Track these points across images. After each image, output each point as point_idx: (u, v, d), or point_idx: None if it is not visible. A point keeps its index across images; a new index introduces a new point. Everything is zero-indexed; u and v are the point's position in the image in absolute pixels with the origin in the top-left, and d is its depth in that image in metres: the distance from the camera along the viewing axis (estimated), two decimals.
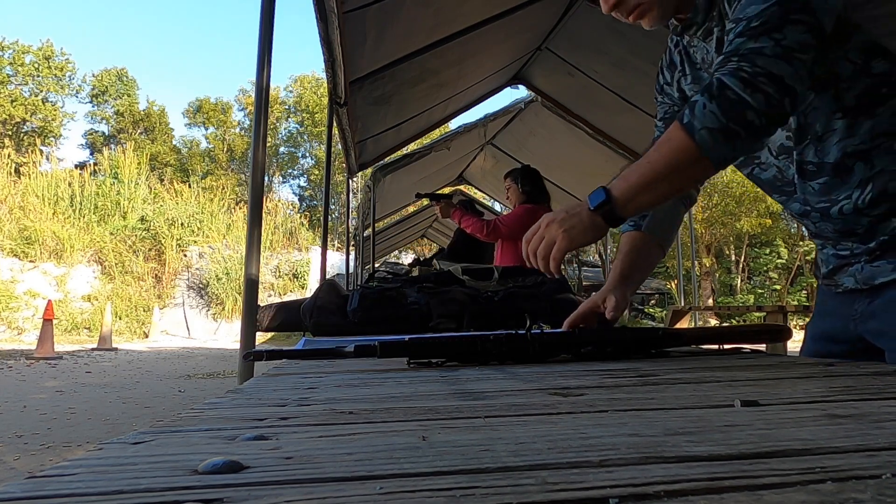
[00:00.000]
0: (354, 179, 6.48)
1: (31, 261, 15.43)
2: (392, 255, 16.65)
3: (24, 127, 27.78)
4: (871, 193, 0.84)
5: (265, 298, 13.32)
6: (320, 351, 0.84)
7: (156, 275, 16.79)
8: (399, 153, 5.80)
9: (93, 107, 32.63)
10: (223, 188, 21.65)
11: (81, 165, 25.15)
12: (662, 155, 0.80)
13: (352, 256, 8.14)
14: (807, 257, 16.59)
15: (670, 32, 1.02)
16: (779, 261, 16.52)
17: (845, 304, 0.94)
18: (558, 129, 5.44)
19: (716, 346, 0.95)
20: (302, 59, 68.03)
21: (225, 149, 32.95)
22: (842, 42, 0.82)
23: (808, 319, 1.13)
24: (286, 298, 12.94)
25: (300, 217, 22.63)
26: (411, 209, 11.24)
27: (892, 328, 0.86)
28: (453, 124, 6.76)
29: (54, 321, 9.34)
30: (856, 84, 0.83)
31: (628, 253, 1.12)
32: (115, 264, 16.28)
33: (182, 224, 17.72)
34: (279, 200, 25.15)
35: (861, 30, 0.82)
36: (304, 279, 17.38)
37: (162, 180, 22.43)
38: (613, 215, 0.83)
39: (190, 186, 20.69)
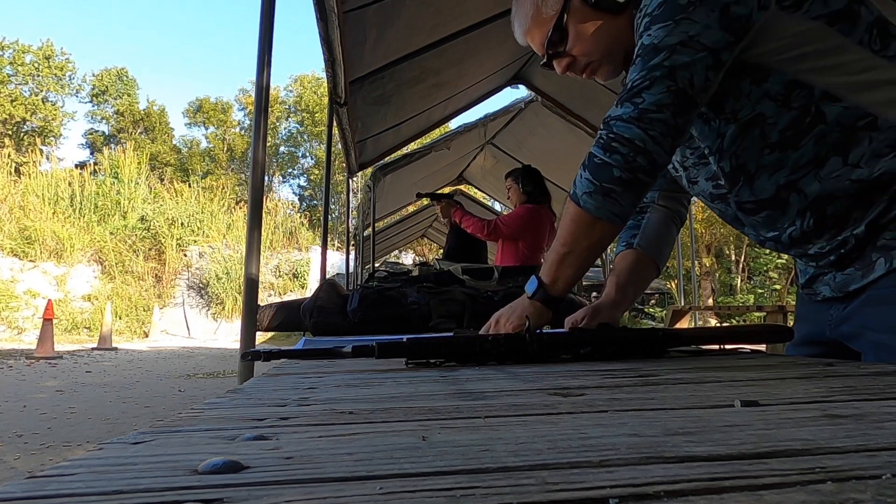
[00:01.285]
0: (354, 179, 6.48)
1: (31, 260, 15.43)
2: (392, 255, 16.64)
3: (24, 127, 27.79)
4: (812, 219, 0.87)
5: (265, 298, 13.32)
6: (320, 351, 0.84)
7: (156, 274, 16.79)
8: (399, 153, 5.80)
9: (93, 106, 32.67)
10: (223, 188, 21.65)
11: (81, 165, 25.15)
12: (565, 230, 0.88)
13: (352, 256, 8.14)
14: None
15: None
16: (779, 261, 16.49)
17: (821, 311, 0.97)
18: (558, 129, 5.44)
19: (716, 347, 0.95)
20: (302, 59, 68.12)
21: (225, 149, 32.95)
22: (760, 84, 0.85)
23: None
24: (286, 298, 12.93)
25: (300, 217, 22.63)
26: (411, 209, 11.24)
27: (864, 330, 0.88)
28: (453, 124, 6.77)
29: (54, 321, 9.34)
30: (780, 120, 0.85)
31: (623, 269, 1.14)
32: (115, 264, 16.28)
33: (182, 224, 17.72)
34: (279, 200, 25.17)
35: (775, 72, 0.85)
36: (304, 279, 17.38)
37: (162, 180, 22.43)
38: (548, 297, 0.92)
39: (190, 186, 20.67)
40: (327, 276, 3.51)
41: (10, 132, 26.52)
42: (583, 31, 0.98)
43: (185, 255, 17.44)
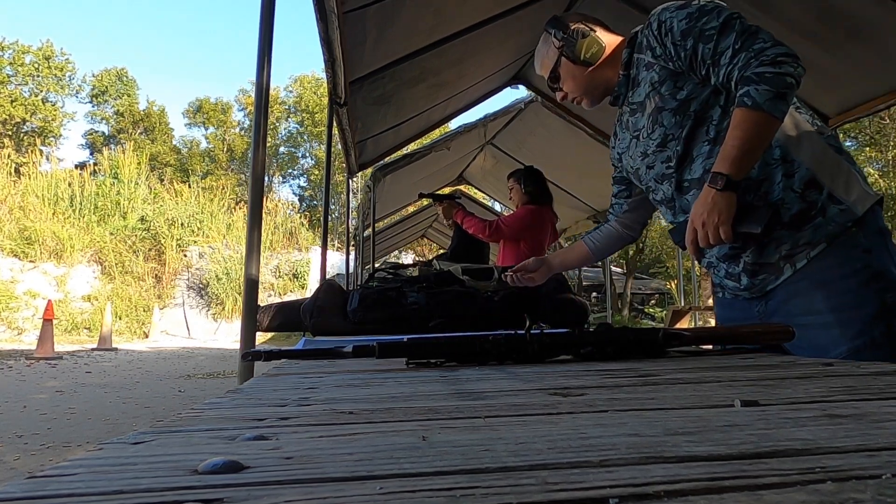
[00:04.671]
0: (354, 179, 6.47)
1: (31, 261, 15.43)
2: (392, 255, 16.64)
3: (24, 127, 27.78)
4: None
5: (265, 298, 13.32)
6: (320, 351, 0.84)
7: (156, 275, 16.78)
8: (399, 153, 5.79)
9: (93, 107, 32.67)
10: (223, 188, 21.63)
11: (81, 165, 25.16)
12: (745, 131, 1.08)
13: (352, 256, 8.14)
14: None
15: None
16: None
17: (746, 308, 1.27)
18: (558, 129, 5.44)
19: (716, 347, 0.95)
20: (302, 59, 68.11)
21: (225, 149, 32.95)
22: (718, 95, 1.19)
23: None
24: (286, 298, 12.93)
25: (300, 217, 22.62)
26: (411, 209, 11.24)
27: (790, 317, 1.14)
28: (453, 124, 6.76)
29: (54, 321, 9.34)
30: (721, 122, 1.18)
31: (571, 250, 1.68)
32: (115, 264, 16.28)
33: (182, 224, 17.71)
34: (279, 200, 25.15)
35: (726, 91, 1.18)
36: (304, 279, 17.38)
37: (162, 180, 22.43)
38: (735, 185, 1.10)
39: (190, 186, 20.66)
40: (327, 277, 3.51)
41: (10, 132, 26.52)
42: (567, 77, 1.41)
43: (185, 256, 17.44)
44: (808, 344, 1.09)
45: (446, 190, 9.00)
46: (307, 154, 34.27)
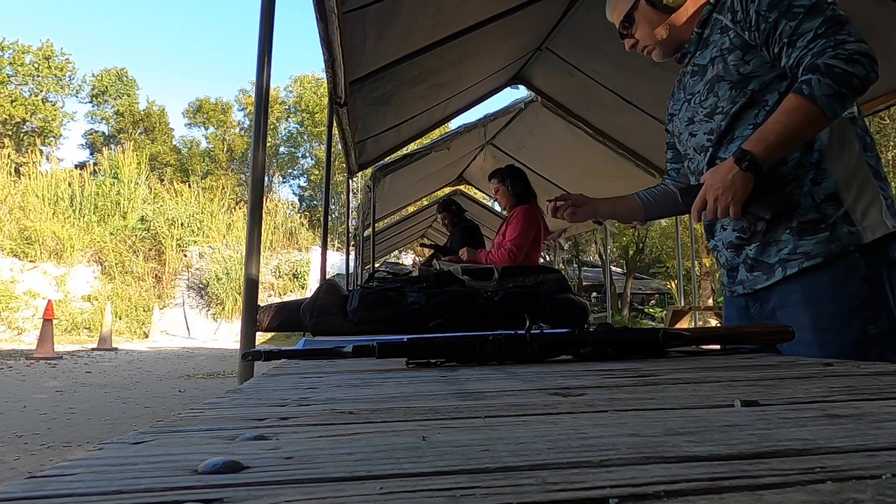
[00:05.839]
0: (354, 179, 6.47)
1: (31, 261, 15.43)
2: (392, 255, 16.64)
3: (24, 127, 27.77)
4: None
5: (265, 298, 13.31)
6: (320, 351, 0.84)
7: (156, 275, 16.78)
8: (399, 153, 5.79)
9: (93, 107, 32.67)
10: (223, 188, 21.62)
11: (81, 165, 25.13)
12: (791, 119, 1.05)
13: (352, 256, 8.14)
14: None
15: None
16: None
17: (742, 308, 1.28)
18: (558, 129, 5.44)
19: (716, 347, 0.95)
20: (302, 59, 68.09)
21: (225, 149, 32.94)
22: (780, 81, 1.16)
23: None
24: (286, 298, 12.92)
25: (300, 217, 22.62)
26: (411, 209, 11.24)
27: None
28: (453, 124, 6.76)
29: (54, 321, 9.34)
30: (772, 109, 1.13)
31: (623, 200, 1.54)
32: (115, 264, 16.28)
33: (182, 224, 17.71)
34: (279, 200, 25.15)
35: (788, 78, 1.15)
36: (304, 279, 17.37)
37: (162, 180, 22.42)
38: (757, 168, 1.08)
39: (190, 186, 20.66)
40: (327, 277, 3.51)
41: (10, 132, 26.51)
42: (643, 23, 1.32)
43: (185, 256, 17.43)
44: (789, 354, 1.09)
45: (447, 190, 9.00)
46: (307, 154, 34.27)
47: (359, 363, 0.84)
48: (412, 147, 5.93)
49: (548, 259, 12.37)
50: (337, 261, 14.45)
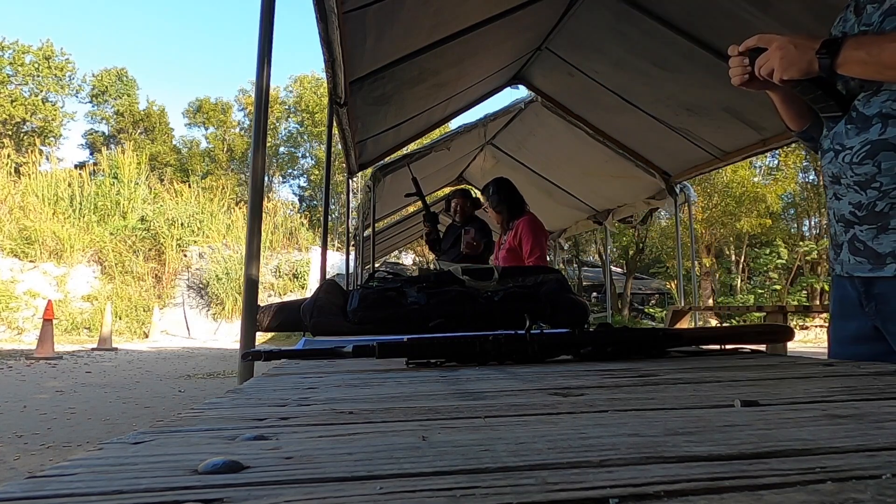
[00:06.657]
0: (354, 179, 6.47)
1: (31, 261, 15.42)
2: (392, 255, 16.64)
3: (24, 127, 27.77)
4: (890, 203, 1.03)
5: (265, 298, 13.29)
6: (320, 351, 0.84)
7: (156, 275, 16.78)
8: (399, 153, 5.80)
9: (93, 107, 32.65)
10: (223, 188, 21.60)
11: (81, 165, 25.12)
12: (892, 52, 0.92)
13: (352, 256, 8.14)
14: (807, 257, 16.57)
15: None
16: (779, 261, 16.50)
17: (855, 306, 1.09)
18: (558, 129, 5.44)
19: (716, 347, 0.95)
20: (302, 59, 68.00)
21: (225, 149, 32.94)
22: None
23: (808, 319, 1.22)
24: (286, 298, 12.92)
25: (300, 217, 22.60)
26: (411, 209, 11.23)
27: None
28: (453, 124, 6.76)
29: (54, 321, 9.34)
30: None
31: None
32: (115, 264, 16.27)
33: (182, 224, 17.71)
34: (279, 200, 25.17)
35: None
36: (304, 279, 17.37)
37: (162, 180, 22.41)
38: (830, 64, 0.96)
39: (190, 186, 20.65)
40: (327, 277, 3.51)
41: (10, 132, 26.51)
42: None
43: (185, 256, 17.43)
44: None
45: (446, 190, 8.99)
46: (307, 154, 34.26)
47: (359, 363, 0.84)
48: (412, 147, 5.93)
49: (548, 259, 12.35)
50: (337, 261, 14.44)
